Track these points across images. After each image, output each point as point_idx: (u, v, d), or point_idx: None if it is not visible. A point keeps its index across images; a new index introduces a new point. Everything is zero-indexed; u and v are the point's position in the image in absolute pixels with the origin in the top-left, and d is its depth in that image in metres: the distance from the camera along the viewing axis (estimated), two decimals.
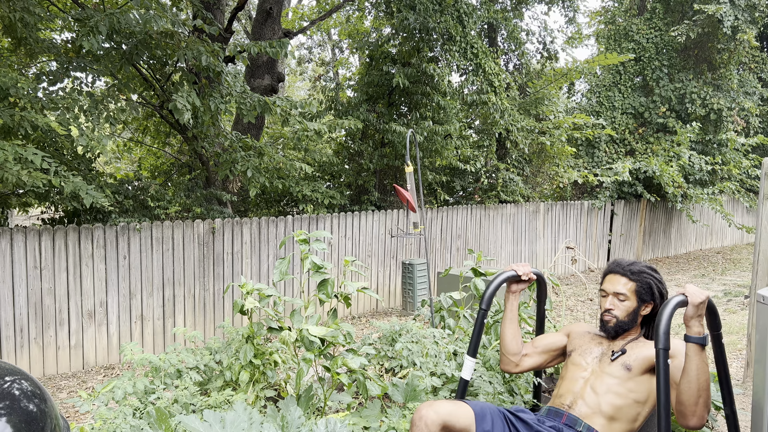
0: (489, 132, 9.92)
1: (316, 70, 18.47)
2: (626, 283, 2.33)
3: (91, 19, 4.96)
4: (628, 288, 2.32)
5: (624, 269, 2.35)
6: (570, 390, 2.31)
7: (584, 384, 2.29)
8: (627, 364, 2.22)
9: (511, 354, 2.51)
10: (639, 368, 2.19)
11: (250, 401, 2.80)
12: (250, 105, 6.38)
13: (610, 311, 2.34)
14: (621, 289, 2.33)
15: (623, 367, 2.22)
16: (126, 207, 6.40)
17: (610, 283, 2.38)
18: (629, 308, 2.31)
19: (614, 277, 2.37)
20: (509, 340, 2.51)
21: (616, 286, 2.34)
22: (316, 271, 2.92)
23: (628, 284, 2.32)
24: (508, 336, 2.51)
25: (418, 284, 7.86)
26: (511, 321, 2.54)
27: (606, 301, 2.37)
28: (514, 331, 2.52)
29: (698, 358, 1.93)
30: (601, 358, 2.34)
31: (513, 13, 11.08)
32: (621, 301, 2.32)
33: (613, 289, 2.35)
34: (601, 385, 2.23)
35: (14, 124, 4.67)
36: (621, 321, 2.32)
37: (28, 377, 0.85)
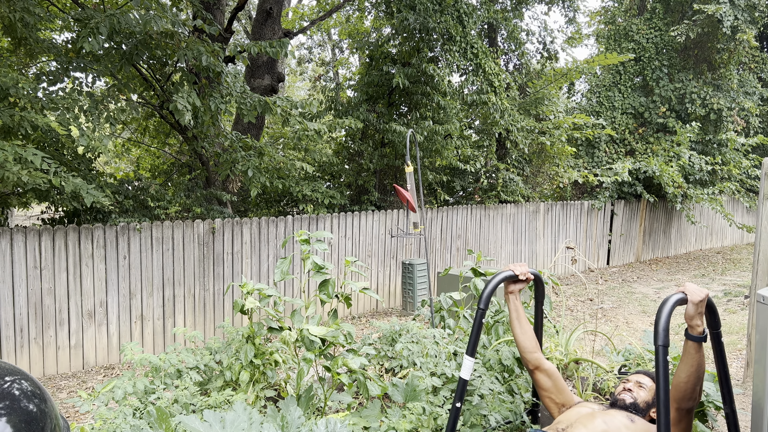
0: (489, 132, 9.92)
1: (316, 70, 18.48)
2: (649, 381, 2.52)
3: (92, 19, 4.96)
4: (649, 385, 2.50)
5: (650, 373, 2.58)
6: (569, 418, 2.40)
7: (587, 414, 2.38)
8: (631, 418, 2.33)
9: (526, 351, 2.59)
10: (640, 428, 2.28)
11: (250, 401, 2.80)
12: (251, 105, 6.39)
13: (629, 391, 2.48)
14: (644, 381, 2.51)
15: (627, 418, 2.32)
16: (126, 207, 6.40)
17: (635, 376, 2.57)
18: (645, 398, 2.46)
19: (639, 374, 2.58)
20: (520, 339, 2.59)
21: (641, 379, 2.54)
22: (317, 272, 2.92)
23: (650, 383, 2.51)
24: (518, 334, 2.60)
25: (418, 284, 7.86)
26: (517, 319, 2.60)
27: (626, 384, 2.52)
28: (523, 329, 2.59)
29: (698, 355, 2.03)
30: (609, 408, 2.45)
31: (513, 13, 11.08)
32: (641, 388, 2.48)
33: (637, 379, 2.53)
34: (602, 416, 2.32)
35: (14, 124, 4.67)
36: (637, 403, 2.44)
37: (28, 377, 0.85)
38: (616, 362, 3.54)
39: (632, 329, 6.97)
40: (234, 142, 6.95)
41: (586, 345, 5.31)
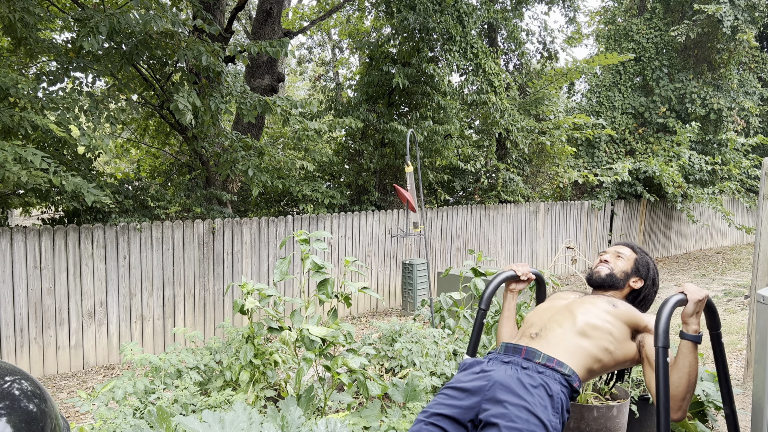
0: (489, 132, 9.92)
1: (316, 70, 18.47)
2: (629, 251, 2.41)
3: (92, 19, 4.96)
4: (629, 254, 2.39)
5: (630, 243, 2.47)
6: (541, 317, 2.21)
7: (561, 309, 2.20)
8: (613, 302, 2.17)
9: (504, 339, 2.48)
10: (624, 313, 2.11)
11: (250, 401, 2.80)
12: (251, 105, 6.39)
13: (606, 262, 2.37)
14: (623, 251, 2.40)
15: (609, 302, 2.16)
16: (126, 207, 6.40)
17: (613, 247, 2.47)
18: (624, 267, 2.35)
19: (619, 245, 2.47)
20: (505, 338, 2.48)
21: (619, 249, 2.42)
22: (317, 271, 2.92)
23: (630, 252, 2.40)
24: (504, 334, 2.49)
25: (418, 284, 7.86)
26: (508, 319, 2.53)
27: (604, 255, 2.41)
28: (510, 330, 2.50)
29: (692, 356, 1.92)
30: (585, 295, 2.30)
31: (513, 13, 11.08)
32: (619, 258, 2.38)
33: (615, 249, 2.42)
34: (580, 307, 2.15)
35: (14, 124, 4.67)
36: (613, 273, 2.32)
37: (28, 377, 0.85)
38: None
39: None
40: (234, 141, 6.95)
41: None
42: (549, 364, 1.99)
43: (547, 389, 1.92)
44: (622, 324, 2.11)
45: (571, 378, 1.98)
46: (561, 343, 2.05)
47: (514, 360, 2.05)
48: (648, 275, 2.37)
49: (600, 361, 2.07)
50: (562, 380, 1.97)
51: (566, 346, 2.04)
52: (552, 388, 1.93)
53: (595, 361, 2.06)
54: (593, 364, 2.06)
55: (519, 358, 2.06)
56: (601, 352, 2.06)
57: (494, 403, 1.89)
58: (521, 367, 2.00)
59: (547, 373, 1.97)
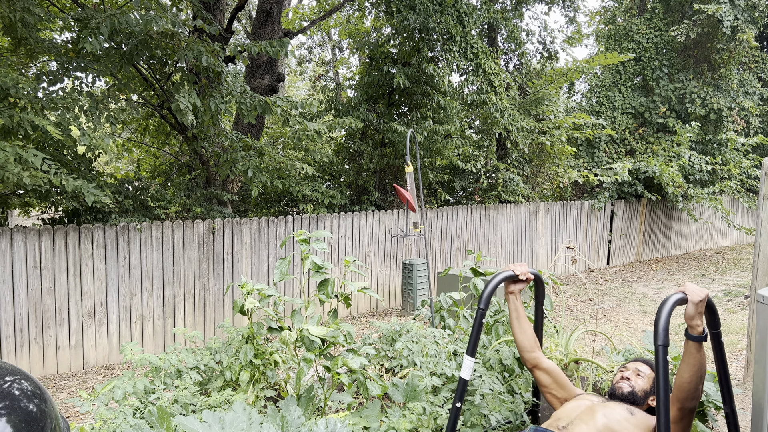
0: (489, 132, 9.92)
1: (316, 70, 18.47)
2: (647, 369, 2.55)
3: (92, 20, 4.96)
4: (648, 373, 2.52)
5: (648, 361, 2.60)
6: (568, 414, 2.39)
7: (586, 409, 2.38)
8: (631, 411, 2.33)
9: (525, 350, 2.61)
10: (641, 421, 2.28)
11: (250, 401, 2.80)
12: (251, 105, 6.39)
13: (628, 380, 2.49)
14: (643, 369, 2.53)
15: (627, 411, 2.32)
16: (126, 207, 6.40)
17: (633, 364, 2.59)
18: (644, 387, 2.47)
19: (638, 362, 2.60)
20: (519, 338, 2.62)
21: (639, 367, 2.55)
22: (317, 271, 2.92)
23: (649, 371, 2.56)
24: (517, 334, 2.62)
25: (418, 284, 7.86)
26: (517, 319, 2.62)
27: (625, 373, 2.53)
28: (522, 328, 2.61)
29: (699, 354, 2.04)
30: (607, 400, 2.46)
31: (513, 13, 11.08)
32: (639, 376, 2.50)
33: (635, 367, 2.54)
34: (602, 410, 2.32)
35: (14, 124, 4.67)
36: (634, 392, 2.45)
37: (28, 377, 0.85)
38: (616, 362, 3.54)
39: (632, 329, 6.97)
40: (234, 142, 6.95)
41: (586, 345, 5.32)
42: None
43: None
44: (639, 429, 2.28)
45: None
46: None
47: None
48: None
49: None
50: None
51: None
52: None
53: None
54: None
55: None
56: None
57: None
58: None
59: None
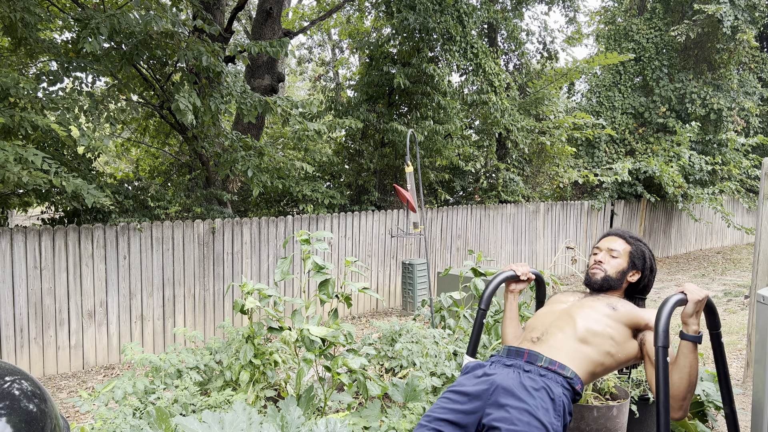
0: (489, 132, 9.92)
1: (316, 70, 18.47)
2: (622, 244, 2.36)
3: (92, 20, 4.96)
4: (622, 248, 2.34)
5: (622, 233, 2.41)
6: (543, 322, 2.22)
7: (561, 313, 2.20)
8: (612, 304, 2.16)
9: (509, 340, 2.49)
10: (623, 315, 2.11)
11: (250, 401, 2.80)
12: (251, 105, 6.39)
13: (600, 263, 2.33)
14: (616, 246, 2.34)
15: (608, 305, 2.15)
16: (126, 207, 6.40)
17: (605, 241, 2.40)
18: (619, 266, 2.31)
19: (611, 237, 2.41)
20: (510, 339, 2.50)
21: (612, 244, 2.37)
22: (318, 271, 2.92)
23: (623, 245, 2.35)
24: (509, 335, 2.50)
25: (418, 284, 7.86)
26: (511, 320, 2.53)
27: (597, 255, 2.37)
28: (514, 330, 2.51)
29: (693, 356, 1.93)
30: (584, 297, 2.30)
31: (513, 13, 11.08)
32: (613, 257, 2.33)
33: (608, 246, 2.36)
34: (580, 312, 2.15)
35: (14, 124, 4.67)
36: (608, 276, 2.30)
37: (28, 377, 0.85)
38: None
39: None
40: (234, 141, 6.95)
41: None
42: (551, 367, 2.00)
43: (549, 392, 1.93)
44: (623, 326, 2.11)
45: (573, 381, 1.99)
46: (563, 347, 2.06)
47: (516, 363, 2.06)
48: (645, 266, 2.35)
49: (602, 365, 2.08)
50: (564, 383, 1.98)
51: (568, 351, 2.05)
52: (554, 391, 1.93)
53: (598, 365, 2.07)
54: (595, 367, 2.07)
55: (521, 361, 2.07)
56: (602, 356, 2.07)
57: (497, 408, 1.91)
58: (523, 371, 2.01)
59: (549, 376, 1.98)
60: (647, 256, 2.36)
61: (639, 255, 2.35)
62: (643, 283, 2.37)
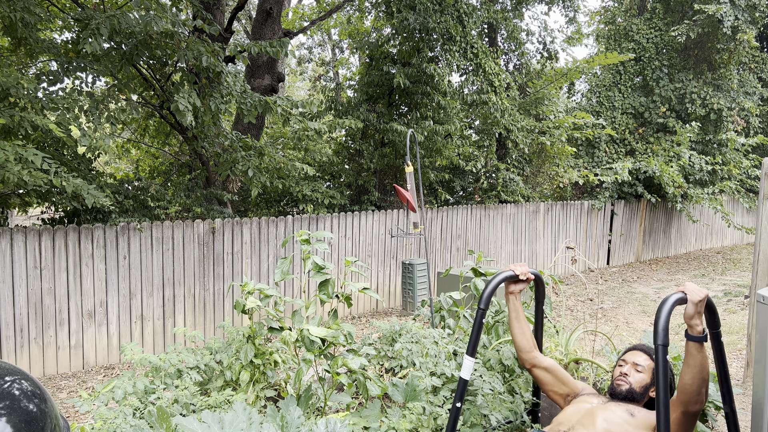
0: (489, 132, 9.92)
1: (316, 70, 18.47)
2: (647, 360, 2.48)
3: (92, 20, 4.96)
4: (647, 364, 2.46)
5: (647, 349, 2.53)
6: (569, 419, 2.38)
7: (586, 413, 2.36)
8: (631, 411, 2.31)
9: (523, 351, 2.61)
10: (641, 421, 2.26)
11: (250, 401, 2.80)
12: (251, 105, 6.39)
13: (626, 376, 2.45)
14: (641, 361, 2.47)
15: (627, 412, 2.30)
16: (126, 207, 6.40)
17: (631, 355, 2.52)
18: (643, 381, 2.43)
19: (636, 352, 2.53)
20: (517, 338, 2.61)
21: (637, 358, 2.49)
22: (318, 272, 2.92)
23: (648, 361, 2.47)
24: (516, 334, 2.61)
25: (418, 284, 7.86)
26: (516, 319, 2.62)
27: (623, 368, 2.49)
28: (521, 329, 2.61)
29: (700, 355, 2.02)
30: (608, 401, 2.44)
31: (513, 13, 11.08)
32: (638, 372, 2.45)
33: (633, 360, 2.49)
34: (602, 413, 2.31)
35: (14, 124, 4.67)
36: (632, 389, 2.42)
37: (28, 377, 0.85)
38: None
39: (632, 329, 6.97)
40: (234, 142, 6.95)
41: (586, 345, 5.32)
42: None
43: None
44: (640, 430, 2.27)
45: None
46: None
47: None
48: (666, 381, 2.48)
49: None
50: None
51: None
52: None
53: None
54: None
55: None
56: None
57: None
58: None
59: None
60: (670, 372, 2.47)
61: None
62: None
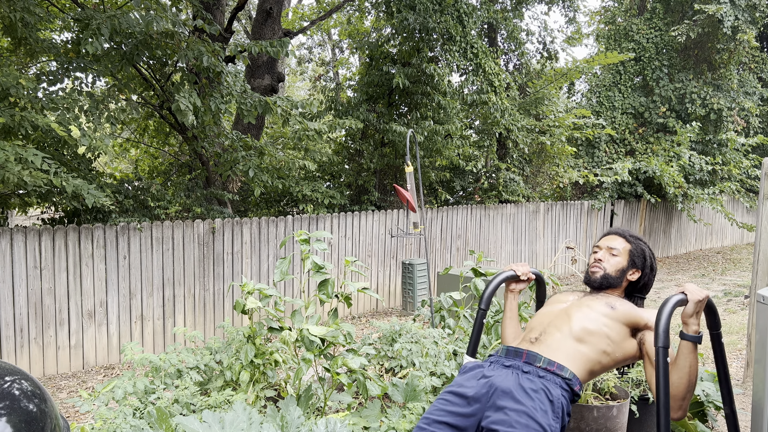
0: (489, 132, 9.92)
1: (316, 70, 18.47)
2: (622, 242, 2.37)
3: (93, 20, 4.96)
4: (622, 247, 2.35)
5: (622, 231, 2.42)
6: (541, 322, 2.23)
7: (559, 313, 2.21)
8: (611, 303, 2.16)
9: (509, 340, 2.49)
10: (622, 314, 2.12)
11: (250, 401, 2.80)
12: (251, 105, 6.39)
13: (599, 262, 2.33)
14: (616, 245, 2.35)
15: (606, 305, 2.16)
16: (126, 207, 6.40)
17: (605, 240, 2.41)
18: (619, 265, 2.31)
19: (611, 236, 2.42)
20: (510, 340, 2.49)
21: (612, 242, 2.37)
22: (317, 271, 2.92)
23: (623, 243, 2.36)
24: (509, 335, 2.50)
25: (418, 284, 7.86)
26: (511, 319, 2.53)
27: (598, 254, 2.38)
28: (514, 330, 2.50)
29: (692, 356, 1.93)
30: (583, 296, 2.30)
31: (513, 13, 11.08)
32: (613, 255, 2.34)
33: (608, 244, 2.37)
34: (578, 312, 2.16)
35: (14, 124, 4.67)
36: (608, 274, 2.30)
37: (28, 377, 0.85)
38: None
39: None
40: (234, 141, 6.95)
41: None
42: (549, 368, 2.01)
43: (548, 394, 1.93)
44: (621, 325, 2.11)
45: (571, 382, 1.99)
46: (560, 347, 2.07)
47: (515, 364, 2.06)
48: (645, 264, 2.35)
49: (600, 363, 2.09)
50: (563, 384, 1.98)
51: (566, 351, 2.06)
52: (553, 393, 1.93)
53: (595, 364, 2.08)
54: (593, 366, 2.08)
55: (520, 362, 2.07)
56: (599, 355, 2.07)
57: (495, 410, 1.91)
58: (522, 371, 2.01)
59: (548, 377, 1.98)
60: (647, 255, 2.36)
61: (639, 253, 2.35)
62: (642, 282, 2.37)
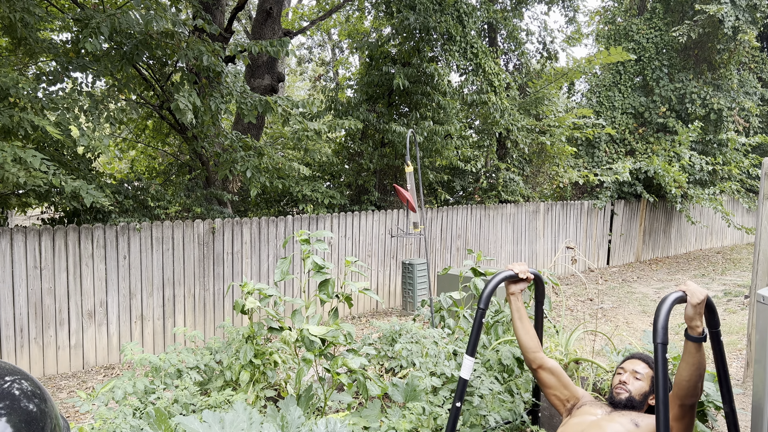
0: (489, 132, 9.92)
1: (316, 70, 18.48)
2: (645, 368, 2.50)
3: (92, 20, 4.96)
4: (646, 372, 2.48)
5: (646, 357, 2.55)
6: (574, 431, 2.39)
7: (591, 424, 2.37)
8: (636, 421, 2.32)
9: (529, 351, 2.61)
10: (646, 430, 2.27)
11: (250, 401, 2.80)
12: (251, 105, 6.39)
13: (624, 384, 2.47)
14: (640, 369, 2.49)
15: (632, 422, 2.31)
16: (126, 207, 6.40)
17: (630, 363, 2.54)
18: (642, 389, 2.44)
19: (635, 360, 2.55)
20: (522, 339, 2.61)
21: (636, 366, 2.51)
22: (318, 271, 2.92)
23: (646, 369, 2.49)
24: (521, 335, 2.61)
25: (418, 284, 7.86)
26: (519, 319, 2.62)
27: (622, 376, 2.50)
28: (526, 329, 2.61)
29: (699, 354, 2.05)
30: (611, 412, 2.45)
31: (513, 13, 11.08)
32: (637, 380, 2.46)
33: (632, 368, 2.50)
34: (608, 425, 2.32)
35: (14, 124, 4.67)
36: (632, 397, 2.43)
37: (28, 377, 0.85)
38: (615, 362, 3.54)
39: (632, 329, 6.97)
40: (234, 142, 6.95)
41: (586, 345, 5.32)
42: None
43: None
44: None
45: None
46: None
47: None
48: None
49: None
50: None
51: None
52: None
53: None
54: None
55: None
56: None
57: None
58: None
59: None
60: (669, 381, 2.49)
61: None
62: None
